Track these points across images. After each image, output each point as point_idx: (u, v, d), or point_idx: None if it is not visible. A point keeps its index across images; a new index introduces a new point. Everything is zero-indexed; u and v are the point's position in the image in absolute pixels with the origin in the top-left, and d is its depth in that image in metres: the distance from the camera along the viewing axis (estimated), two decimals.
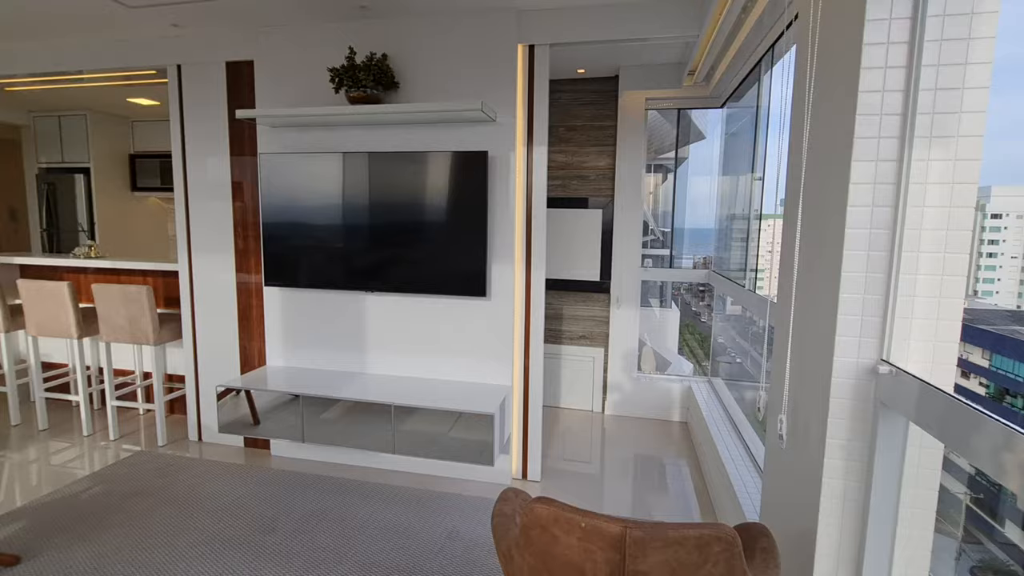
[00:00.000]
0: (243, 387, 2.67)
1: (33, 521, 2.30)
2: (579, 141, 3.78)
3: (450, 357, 2.80)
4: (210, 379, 3.20)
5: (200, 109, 3.08)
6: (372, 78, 2.60)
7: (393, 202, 2.70)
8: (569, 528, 0.98)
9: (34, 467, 2.88)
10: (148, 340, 3.00)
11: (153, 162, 5.34)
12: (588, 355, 3.87)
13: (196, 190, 3.13)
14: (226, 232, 3.09)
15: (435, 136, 2.71)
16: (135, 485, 2.62)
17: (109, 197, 5.18)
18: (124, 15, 2.76)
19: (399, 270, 2.73)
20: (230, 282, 3.11)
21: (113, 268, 3.53)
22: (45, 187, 5.12)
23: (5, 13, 2.77)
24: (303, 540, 2.20)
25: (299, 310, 2.97)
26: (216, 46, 2.99)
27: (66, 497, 2.50)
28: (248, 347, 3.13)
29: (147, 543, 2.15)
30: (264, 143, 2.94)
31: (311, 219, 2.81)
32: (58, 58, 3.25)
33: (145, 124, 5.33)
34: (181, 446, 3.14)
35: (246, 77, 2.98)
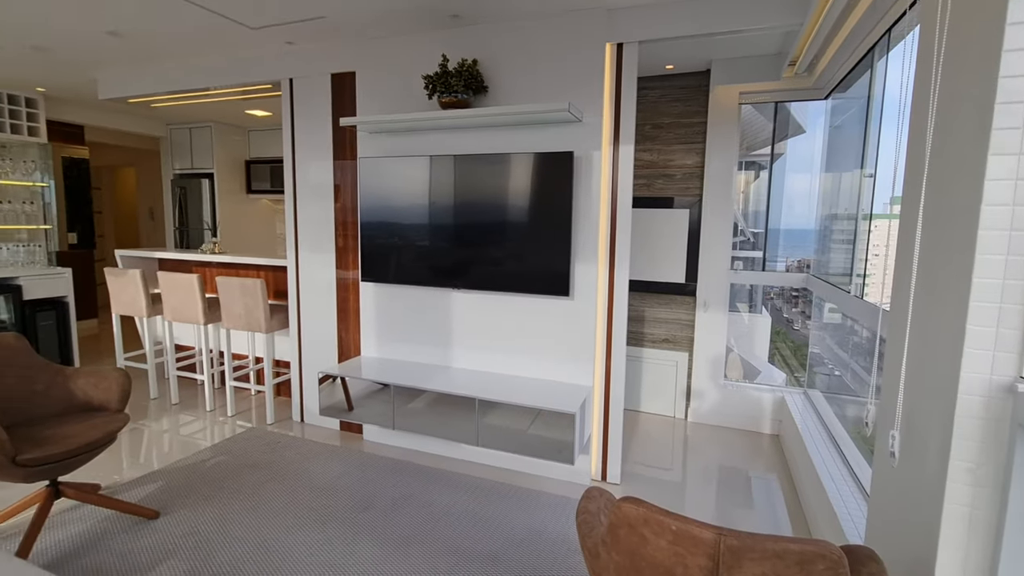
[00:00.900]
0: (341, 375, 2.89)
1: (168, 482, 2.63)
2: (665, 139, 3.68)
3: (531, 355, 2.85)
4: (311, 366, 3.48)
5: (308, 118, 3.36)
6: (463, 83, 2.71)
7: (479, 203, 2.79)
8: (659, 530, 0.98)
9: (167, 436, 3.29)
10: (261, 328, 3.33)
11: (265, 167, 5.89)
12: (670, 359, 3.76)
13: (303, 192, 3.42)
14: (328, 231, 3.35)
15: (521, 137, 2.76)
16: (249, 458, 2.92)
17: (228, 198, 5.79)
18: (248, 35, 3.07)
19: (484, 269, 2.82)
20: (331, 278, 3.37)
21: (233, 263, 3.94)
22: (178, 190, 5.83)
23: (153, 41, 3.18)
24: (394, 520, 2.35)
25: (391, 305, 3.15)
26: (323, 60, 3.24)
27: (193, 464, 2.84)
28: (345, 338, 3.37)
29: (260, 510, 2.39)
30: (363, 148, 3.15)
31: (403, 219, 2.97)
32: (191, 77, 3.68)
33: (259, 133, 5.89)
34: (286, 425, 3.45)
35: (348, 87, 3.21)
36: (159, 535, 2.18)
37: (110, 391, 2.32)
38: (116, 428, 2.17)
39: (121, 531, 2.20)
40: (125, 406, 2.34)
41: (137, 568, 1.98)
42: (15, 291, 4.07)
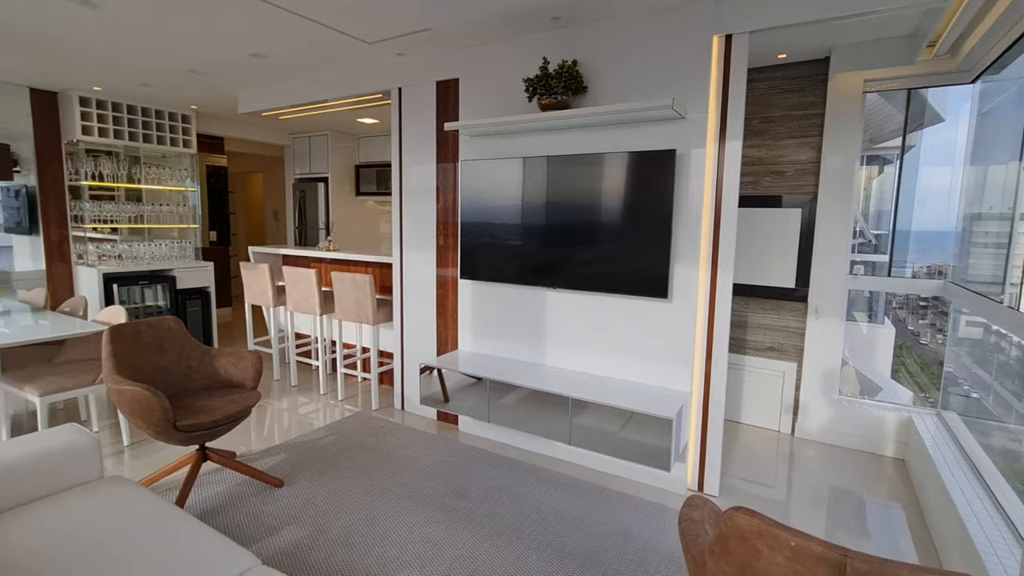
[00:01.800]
0: (439, 367, 3.04)
1: (289, 456, 2.93)
2: (775, 133, 3.45)
3: (626, 357, 2.81)
4: (412, 357, 3.70)
5: (414, 124, 3.57)
6: (563, 84, 2.73)
7: (575, 203, 2.80)
8: (775, 544, 0.94)
9: (286, 414, 3.66)
10: (368, 320, 3.60)
11: (371, 171, 6.33)
12: (776, 369, 3.52)
13: (408, 194, 3.63)
14: (429, 231, 3.54)
15: (620, 137, 2.73)
16: (356, 439, 3.17)
17: (340, 200, 6.30)
18: (365, 50, 3.32)
19: (579, 269, 2.83)
20: (431, 275, 3.56)
21: (344, 259, 4.29)
22: (298, 193, 6.44)
23: (287, 60, 3.55)
24: (487, 510, 2.43)
25: (487, 302, 3.26)
26: (429, 68, 3.43)
27: (310, 441, 3.14)
28: (443, 332, 3.54)
29: (368, 488, 2.59)
30: (464, 151, 3.29)
31: (501, 219, 3.06)
32: (314, 90, 4.06)
33: (367, 139, 6.34)
34: (388, 412, 3.69)
35: (452, 93, 3.37)
36: (283, 502, 2.44)
37: (246, 371, 2.64)
38: (251, 403, 2.46)
39: (252, 495, 2.50)
40: (258, 385, 2.64)
41: (266, 530, 2.23)
42: (171, 281, 4.74)
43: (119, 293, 4.52)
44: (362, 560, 2.05)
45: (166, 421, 2.14)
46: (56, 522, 1.55)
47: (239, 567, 1.41)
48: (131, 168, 4.95)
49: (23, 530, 1.51)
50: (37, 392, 2.55)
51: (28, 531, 1.51)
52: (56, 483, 1.76)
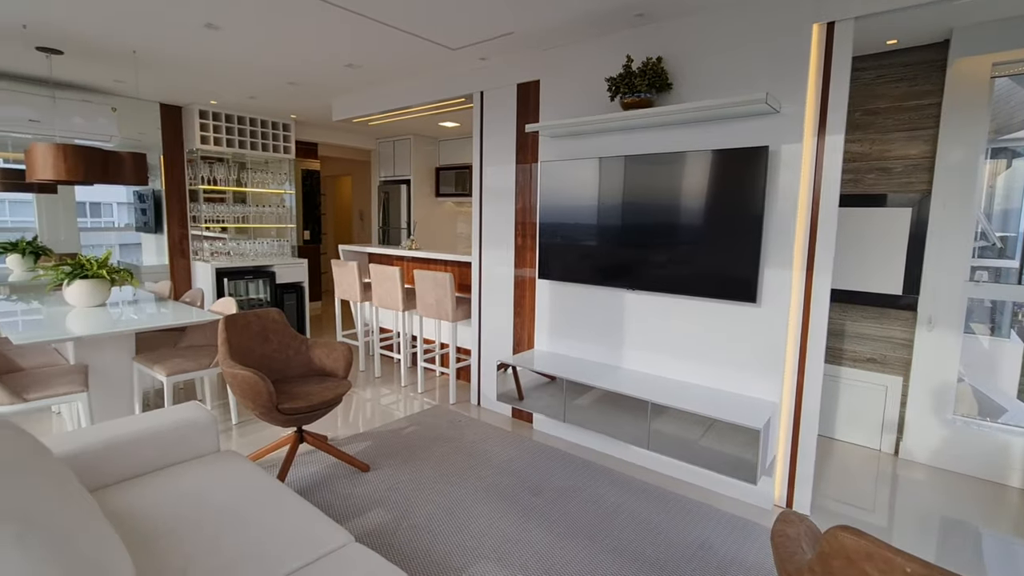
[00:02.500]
0: (516, 365, 3.09)
1: (373, 443, 3.11)
2: (881, 126, 3.17)
3: (708, 362, 2.71)
4: (489, 354, 3.78)
5: (494, 126, 3.65)
6: (647, 82, 2.68)
7: (657, 203, 2.74)
8: (887, 569, 0.87)
9: (369, 404, 3.87)
10: (448, 317, 3.72)
11: (451, 173, 6.54)
12: (878, 383, 3.23)
13: (488, 195, 3.72)
14: (508, 231, 3.60)
15: (706, 133, 2.64)
16: (435, 431, 3.29)
17: (421, 201, 6.56)
18: (449, 56, 3.44)
19: (660, 270, 2.76)
20: (509, 274, 3.62)
21: (426, 258, 4.47)
22: (383, 195, 6.79)
23: (377, 69, 3.76)
24: (562, 509, 2.44)
25: (564, 302, 3.27)
26: (510, 71, 3.49)
27: (392, 430, 3.31)
28: (520, 331, 3.59)
29: (447, 478, 2.69)
30: (544, 152, 3.31)
31: (580, 220, 3.06)
32: (400, 97, 4.26)
33: (447, 142, 6.56)
34: (465, 407, 3.80)
35: (532, 95, 3.40)
36: (370, 486, 2.59)
37: (338, 361, 2.83)
38: (342, 392, 2.63)
39: (342, 477, 2.67)
40: (348, 374, 2.82)
41: (354, 510, 2.38)
42: (271, 276, 5.17)
43: (228, 286, 5.00)
44: (441, 547, 2.13)
45: (271, 404, 2.35)
46: (182, 487, 1.75)
47: (336, 542, 1.52)
48: (239, 173, 5.45)
49: (156, 493, 1.72)
50: (164, 372, 2.89)
51: (160, 493, 1.72)
52: (180, 454, 1.99)
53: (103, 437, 1.82)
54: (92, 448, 1.77)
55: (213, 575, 1.34)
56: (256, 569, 1.37)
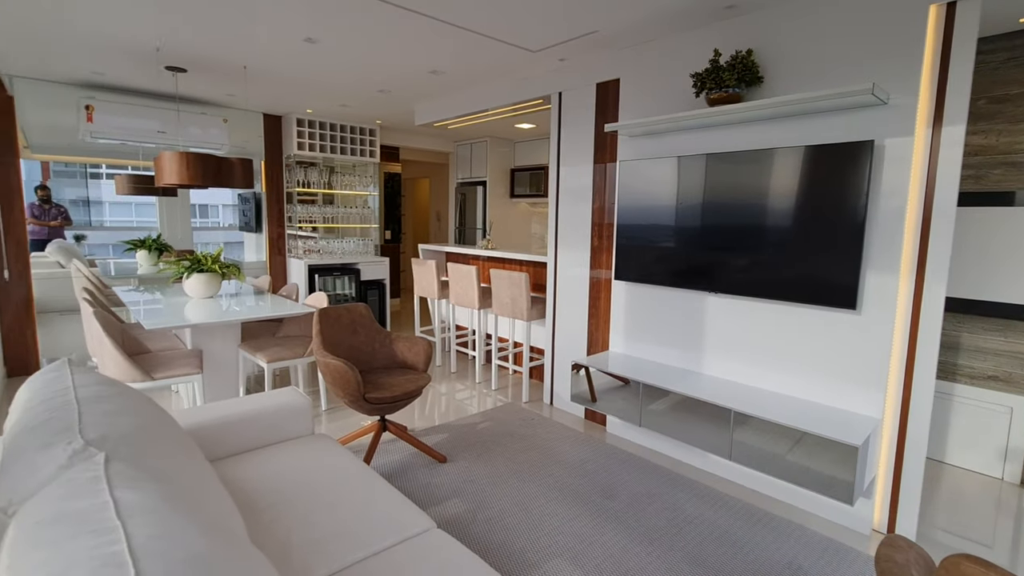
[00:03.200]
0: (591, 366, 3.07)
1: (449, 436, 3.21)
2: (1010, 115, 2.82)
3: (797, 372, 2.54)
4: (562, 355, 3.79)
5: (572, 127, 3.64)
6: (736, 77, 2.57)
7: (743, 203, 2.61)
8: None
9: (444, 398, 4.00)
10: (522, 316, 3.77)
11: (525, 174, 6.60)
12: (999, 403, 2.88)
13: (565, 195, 3.72)
14: (584, 232, 3.59)
15: (800, 128, 2.48)
16: (509, 428, 3.34)
17: (496, 202, 6.68)
18: (528, 58, 3.48)
19: (744, 273, 2.63)
20: (584, 275, 3.60)
21: (501, 258, 4.55)
22: (459, 196, 6.98)
23: (459, 74, 3.88)
24: (636, 514, 2.40)
25: (642, 304, 3.20)
26: (589, 71, 3.47)
27: (467, 425, 3.40)
28: (594, 332, 3.56)
29: (520, 474, 2.72)
30: (623, 151, 3.26)
31: (657, 220, 2.98)
32: (479, 100, 4.36)
33: (523, 144, 6.62)
34: (537, 406, 3.83)
35: (612, 94, 3.36)
36: (447, 476, 2.68)
37: (418, 355, 2.95)
38: (423, 384, 2.75)
39: (421, 467, 2.79)
40: (427, 368, 2.93)
41: (433, 499, 2.48)
42: (356, 273, 5.48)
43: (319, 282, 5.36)
44: (516, 542, 2.17)
45: (358, 393, 2.50)
46: (282, 465, 1.91)
47: (419, 527, 1.59)
48: (329, 176, 5.83)
49: (259, 469, 1.89)
50: (266, 359, 3.16)
51: (263, 470, 1.88)
52: (280, 434, 2.16)
53: (217, 415, 2.02)
54: (209, 424, 1.97)
55: (311, 548, 1.45)
56: (349, 545, 1.47)
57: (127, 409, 1.35)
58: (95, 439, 1.10)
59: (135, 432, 1.24)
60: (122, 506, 0.88)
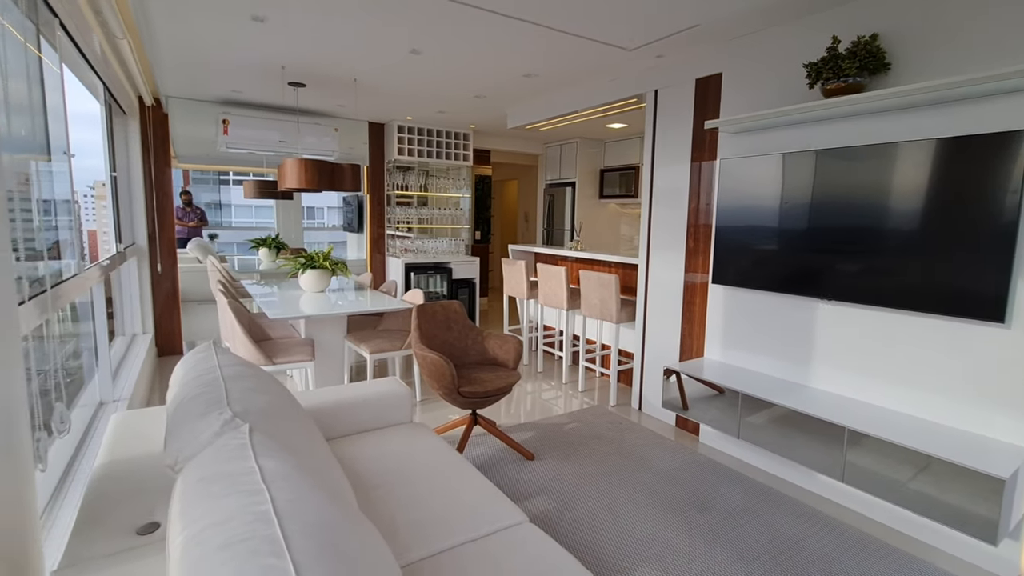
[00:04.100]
0: (685, 373, 2.96)
1: (536, 434, 3.25)
2: None
3: (925, 389, 2.28)
4: (653, 359, 3.69)
5: (669, 125, 3.53)
6: (857, 64, 2.36)
7: (861, 202, 2.38)
8: None
9: (530, 397, 4.04)
10: (611, 319, 3.72)
11: (615, 174, 6.50)
12: None
13: (659, 196, 3.62)
14: (679, 233, 3.46)
15: (931, 119, 2.22)
16: (596, 431, 3.32)
17: (584, 203, 6.64)
18: (623, 57, 3.43)
19: (863, 279, 2.40)
20: (678, 278, 3.48)
21: (590, 259, 4.52)
22: (548, 198, 7.03)
23: (552, 76, 3.91)
24: (733, 530, 2.28)
25: (741, 310, 3.04)
26: (688, 67, 3.35)
27: (553, 424, 3.42)
28: (688, 338, 3.43)
29: (608, 477, 2.70)
30: (724, 149, 3.11)
31: (762, 221, 2.81)
32: (570, 102, 4.36)
33: (613, 144, 6.53)
34: (625, 410, 3.76)
35: (712, 89, 3.22)
36: (534, 473, 2.72)
37: (509, 353, 3.02)
38: (513, 382, 2.81)
39: (509, 462, 2.85)
40: (517, 366, 2.99)
41: (520, 494, 2.52)
42: (448, 272, 5.71)
43: (414, 279, 5.66)
44: (604, 545, 2.15)
45: (453, 386, 2.61)
46: (385, 449, 2.05)
47: (512, 519, 1.63)
48: (426, 180, 6.13)
49: (365, 451, 2.04)
50: (368, 350, 3.40)
51: (368, 452, 2.02)
52: (382, 420, 2.32)
53: (329, 399, 2.21)
54: (322, 407, 2.16)
55: (413, 528, 1.54)
56: (447, 530, 1.54)
57: (261, 388, 1.52)
58: (240, 412, 1.25)
59: (269, 408, 1.40)
60: (265, 472, 1.00)
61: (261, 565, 0.74)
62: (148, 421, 1.83)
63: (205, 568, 0.76)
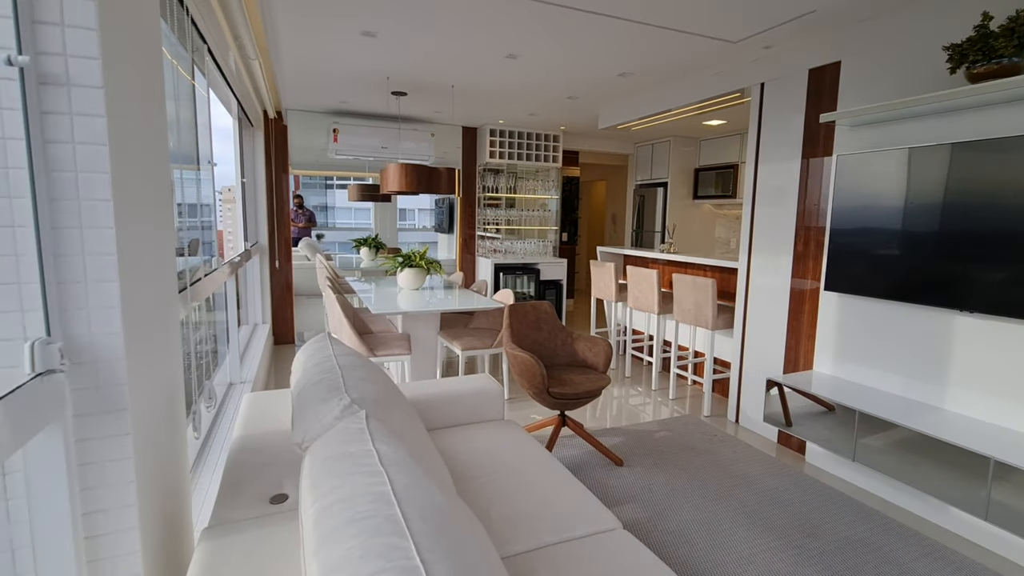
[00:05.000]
0: (791, 386, 2.75)
1: (624, 440, 3.17)
2: None
3: None
4: (752, 370, 3.47)
5: (776, 119, 3.30)
6: (1015, 43, 2.06)
7: (1010, 202, 2.07)
8: None
9: (617, 402, 3.96)
10: (707, 325, 3.55)
11: (711, 173, 6.19)
12: None
13: (763, 195, 3.40)
14: (786, 236, 3.23)
15: None
16: (688, 441, 3.18)
17: (677, 204, 6.40)
18: (726, 50, 3.26)
19: (1016, 289, 2.09)
20: (783, 284, 3.24)
21: (684, 262, 4.34)
22: (638, 198, 6.86)
23: (648, 74, 3.81)
24: (846, 562, 2.08)
25: (858, 320, 2.77)
26: (800, 57, 3.11)
27: (642, 432, 3.32)
28: (794, 348, 3.19)
29: (702, 492, 2.58)
30: (841, 144, 2.86)
31: (886, 223, 2.54)
32: (666, 99, 4.22)
33: (708, 142, 6.22)
34: (719, 422, 3.57)
35: (828, 80, 2.97)
36: (623, 480, 2.66)
37: (599, 356, 2.98)
38: (603, 385, 2.77)
39: (597, 466, 2.81)
40: (607, 369, 2.95)
41: (610, 500, 2.48)
42: (536, 273, 5.76)
43: (503, 279, 5.77)
44: (700, 562, 2.05)
45: (543, 386, 2.63)
46: (480, 444, 2.10)
47: (605, 524, 1.61)
48: (515, 182, 6.22)
49: (460, 444, 2.11)
50: (460, 347, 3.51)
51: (464, 445, 2.09)
52: (475, 415, 2.38)
53: (428, 392, 2.31)
54: (421, 399, 2.27)
55: (507, 522, 1.57)
56: (541, 527, 1.56)
57: (372, 377, 1.63)
58: (357, 399, 1.35)
59: (380, 396, 1.49)
60: (383, 456, 1.07)
61: (386, 543, 0.80)
62: (274, 402, 2.02)
63: (336, 540, 0.83)
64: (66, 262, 0.96)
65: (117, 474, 1.03)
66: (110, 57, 0.99)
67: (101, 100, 0.96)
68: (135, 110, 1.12)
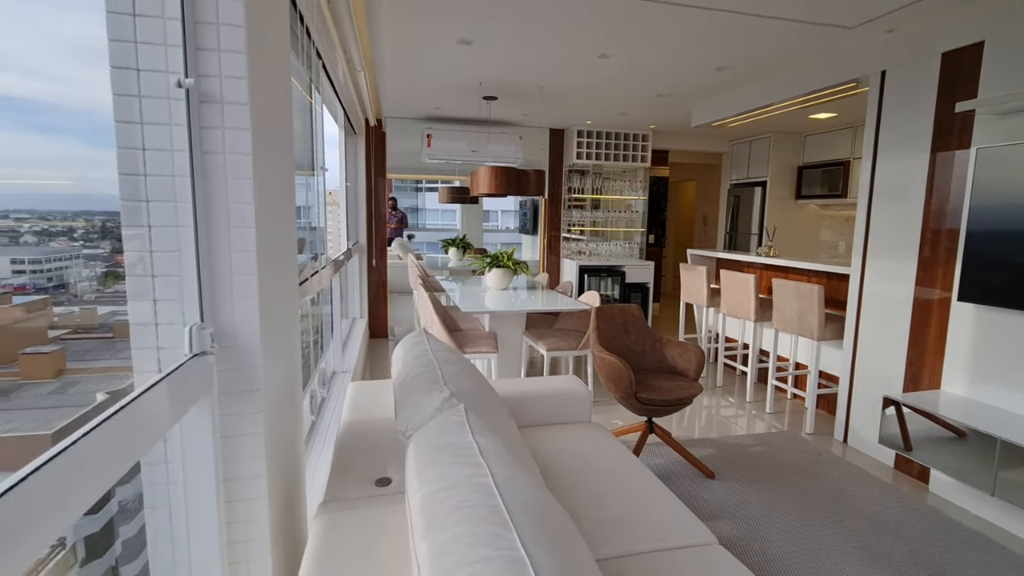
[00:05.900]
0: (913, 405, 2.48)
1: (716, 452, 3.02)
2: None
3: None
4: (865, 386, 3.16)
5: (899, 109, 2.99)
6: None
7: None
8: None
9: (706, 412, 3.77)
10: (812, 335, 3.28)
11: (816, 171, 5.71)
12: None
13: (881, 194, 3.09)
14: (910, 239, 2.91)
15: None
16: (788, 458, 2.96)
17: (777, 204, 5.98)
18: (839, 37, 3.00)
19: None
20: (906, 292, 2.92)
21: (785, 266, 4.05)
22: (732, 199, 6.50)
23: (747, 67, 3.60)
24: None
25: (1001, 336, 2.43)
26: (931, 39, 2.78)
27: (735, 445, 3.14)
28: (916, 364, 2.86)
29: (805, 515, 2.39)
30: (982, 135, 2.52)
31: None
32: (767, 94, 3.95)
33: (815, 137, 5.75)
34: (824, 440, 3.29)
35: (966, 63, 2.63)
36: (715, 494, 2.54)
37: (690, 362, 2.86)
38: (695, 393, 2.66)
39: (686, 477, 2.70)
40: (698, 377, 2.82)
41: (701, 513, 2.38)
42: (621, 275, 5.65)
43: (588, 281, 5.72)
44: None
45: (630, 391, 2.57)
46: (568, 444, 2.10)
47: (700, 538, 1.54)
48: (602, 182, 6.15)
49: (549, 442, 2.12)
50: (545, 347, 3.53)
51: (552, 444, 2.10)
52: (562, 416, 2.38)
53: (516, 390, 2.35)
54: (510, 396, 2.31)
55: (598, 525, 1.56)
56: (631, 534, 1.53)
57: (467, 372, 1.69)
58: (455, 392, 1.41)
59: (475, 391, 1.54)
60: (482, 448, 1.11)
61: (491, 532, 0.82)
62: (376, 391, 2.16)
63: (442, 525, 0.88)
64: (216, 257, 1.09)
65: (252, 447, 1.15)
66: (254, 77, 1.11)
67: (247, 115, 1.08)
68: (269, 123, 1.25)
